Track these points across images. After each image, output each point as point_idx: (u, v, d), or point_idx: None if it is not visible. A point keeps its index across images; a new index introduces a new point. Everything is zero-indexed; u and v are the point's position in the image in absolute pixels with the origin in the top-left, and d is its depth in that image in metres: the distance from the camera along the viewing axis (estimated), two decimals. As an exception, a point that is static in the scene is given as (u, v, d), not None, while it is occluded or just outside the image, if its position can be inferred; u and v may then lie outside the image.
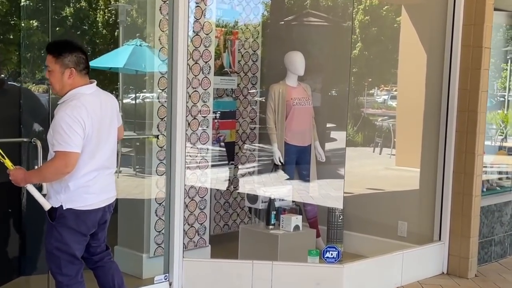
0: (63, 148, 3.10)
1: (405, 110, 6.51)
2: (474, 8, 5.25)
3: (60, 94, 3.28)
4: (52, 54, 3.24)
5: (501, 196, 6.09)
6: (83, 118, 3.14)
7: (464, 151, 5.32)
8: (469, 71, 5.29)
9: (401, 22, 6.60)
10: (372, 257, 4.90)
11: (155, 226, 4.71)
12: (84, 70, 3.28)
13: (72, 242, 3.27)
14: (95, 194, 3.29)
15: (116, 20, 9.59)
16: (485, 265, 5.71)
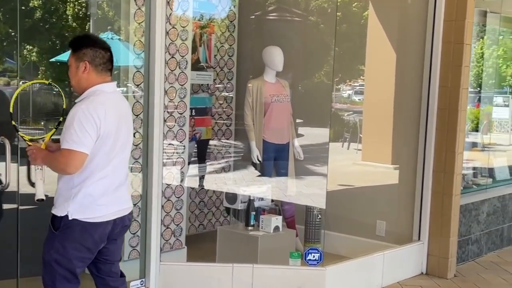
0: (69, 146, 2.85)
1: (371, 105, 6.48)
2: (455, 4, 5.18)
3: (77, 90, 3.04)
4: (70, 48, 3.05)
5: (477, 195, 6.07)
6: (99, 117, 2.88)
7: (444, 149, 5.25)
8: (450, 68, 5.22)
9: (369, 19, 6.56)
10: (353, 259, 4.79)
11: (130, 228, 4.49)
12: (102, 66, 3.02)
13: (74, 257, 2.97)
14: (105, 205, 3.00)
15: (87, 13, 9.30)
16: (463, 264, 5.67)
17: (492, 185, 6.48)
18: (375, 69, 6.38)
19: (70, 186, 2.94)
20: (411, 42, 5.62)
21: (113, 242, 3.14)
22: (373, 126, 6.49)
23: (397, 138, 5.98)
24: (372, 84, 6.46)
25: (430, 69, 5.28)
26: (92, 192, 2.94)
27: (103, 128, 2.89)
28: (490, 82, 8.01)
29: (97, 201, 2.96)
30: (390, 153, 6.20)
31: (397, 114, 5.75)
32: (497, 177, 6.84)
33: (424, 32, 5.31)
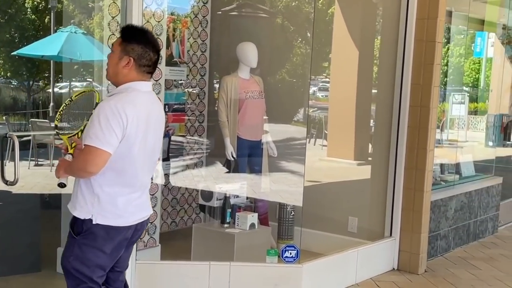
0: (92, 142, 2.66)
1: (336, 102, 6.54)
2: (427, 2, 5.22)
3: (111, 80, 2.90)
4: (122, 36, 2.89)
5: (446, 191, 6.14)
6: (127, 116, 2.69)
7: (416, 146, 5.31)
8: (422, 66, 5.27)
9: (334, 15, 6.62)
10: (329, 255, 4.80)
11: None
12: (145, 68, 2.85)
13: (94, 264, 2.81)
14: (129, 210, 2.85)
15: (47, 6, 9.08)
16: (432, 259, 5.75)
17: (460, 182, 6.59)
18: (340, 66, 6.44)
19: (92, 188, 2.77)
20: (384, 40, 5.67)
21: (126, 248, 3.00)
22: (338, 122, 6.55)
23: (362, 134, 6.07)
24: (337, 81, 6.53)
25: (402, 67, 5.32)
26: (115, 196, 2.79)
27: (130, 128, 2.71)
28: (450, 79, 8.17)
29: (120, 205, 2.81)
30: (353, 149, 6.29)
31: (361, 111, 5.80)
32: (463, 173, 6.95)
33: (397, 30, 5.35)
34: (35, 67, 11.83)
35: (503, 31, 8.99)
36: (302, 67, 8.05)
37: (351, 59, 6.13)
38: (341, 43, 6.31)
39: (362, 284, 4.98)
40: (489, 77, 10.24)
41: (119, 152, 2.72)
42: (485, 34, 9.61)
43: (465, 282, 5.21)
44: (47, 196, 6.83)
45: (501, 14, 8.90)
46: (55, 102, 14.11)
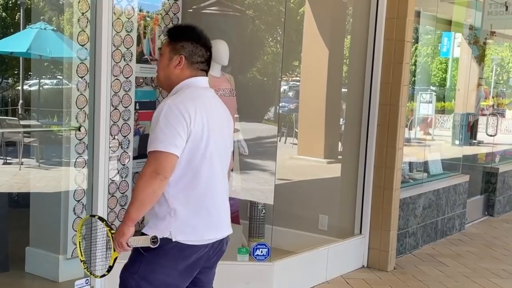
0: (154, 146, 2.41)
1: (306, 101, 6.60)
2: (397, 1, 5.28)
3: (163, 85, 2.67)
4: (168, 36, 2.69)
5: (414, 189, 6.22)
6: (189, 113, 2.45)
7: (385, 144, 5.36)
8: (392, 65, 5.33)
9: (305, 15, 6.67)
10: (299, 253, 4.82)
11: (73, 225, 4.37)
12: (198, 65, 2.63)
13: (162, 284, 2.51)
14: (204, 225, 2.54)
15: (17, 2, 8.95)
16: (401, 257, 5.81)
17: (428, 180, 6.68)
18: (311, 65, 6.49)
19: (167, 202, 2.48)
20: (354, 39, 5.71)
21: (207, 270, 2.70)
22: (308, 121, 6.60)
23: (332, 133, 6.13)
24: (307, 79, 6.59)
25: (372, 66, 5.37)
26: (193, 208, 2.52)
27: (194, 128, 2.46)
28: (418, 78, 8.27)
29: (194, 220, 2.52)
30: (323, 147, 6.34)
31: (331, 109, 5.85)
32: (431, 172, 7.04)
33: (367, 29, 5.39)
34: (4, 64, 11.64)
35: (469, 31, 9.13)
36: (273, 66, 8.07)
37: (322, 58, 6.18)
38: (311, 42, 6.37)
39: (333, 281, 5.01)
40: (456, 77, 10.40)
41: (188, 155, 2.48)
42: (451, 34, 9.76)
43: (434, 279, 5.28)
44: (15, 194, 6.74)
45: (468, 15, 9.05)
46: (25, 100, 13.89)
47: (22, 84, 14.69)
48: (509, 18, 8.70)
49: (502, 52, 16.97)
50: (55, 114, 7.87)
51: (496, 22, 9.24)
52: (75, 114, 4.32)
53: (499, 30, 9.45)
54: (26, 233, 4.54)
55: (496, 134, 8.40)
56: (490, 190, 8.17)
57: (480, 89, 9.35)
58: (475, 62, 9.35)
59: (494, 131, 8.38)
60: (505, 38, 12.27)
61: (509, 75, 22.40)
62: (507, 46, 15.30)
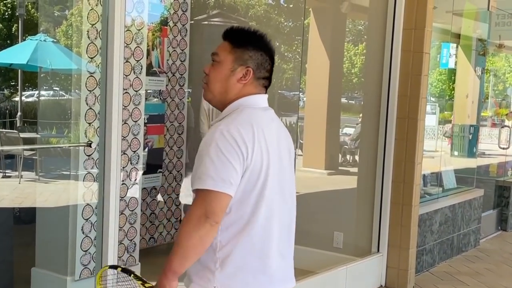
0: (202, 184, 1.95)
1: (312, 112, 6.50)
2: (414, 12, 5.12)
3: (215, 100, 2.17)
4: (231, 41, 2.16)
5: (431, 205, 6.03)
6: (248, 145, 2.00)
7: (404, 159, 5.18)
8: (410, 77, 5.16)
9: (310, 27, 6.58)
10: (319, 273, 4.62)
11: (81, 245, 4.16)
12: (263, 80, 2.18)
13: None
14: (259, 281, 2.10)
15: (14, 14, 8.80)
16: (418, 275, 5.61)
17: (443, 194, 6.49)
18: (316, 77, 6.42)
19: (214, 250, 2.04)
20: (369, 50, 5.55)
21: None
22: (313, 132, 6.49)
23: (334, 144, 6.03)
24: (312, 91, 6.50)
25: (389, 78, 5.20)
26: (245, 259, 2.06)
27: (252, 161, 2.01)
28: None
29: (245, 275, 2.07)
30: (326, 159, 6.23)
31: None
32: (445, 186, 6.86)
33: (383, 40, 5.22)
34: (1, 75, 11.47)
35: (479, 42, 8.99)
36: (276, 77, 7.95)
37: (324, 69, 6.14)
38: (315, 54, 6.32)
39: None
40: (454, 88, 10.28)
41: (242, 195, 2.03)
42: (449, 45, 9.62)
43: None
44: (17, 210, 6.53)
45: (476, 27, 8.92)
46: (23, 112, 13.69)
47: (21, 96, 14.52)
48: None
49: (497, 62, 16.94)
50: (54, 126, 7.71)
51: (504, 33, 9.10)
52: (83, 129, 4.13)
53: (508, 41, 9.32)
54: (30, 252, 4.32)
55: (509, 147, 8.23)
56: (503, 204, 7.99)
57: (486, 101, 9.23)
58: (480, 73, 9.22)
59: (507, 143, 8.20)
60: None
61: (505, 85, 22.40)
62: (502, 57, 15.25)
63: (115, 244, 3.84)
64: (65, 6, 7.05)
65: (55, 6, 6.73)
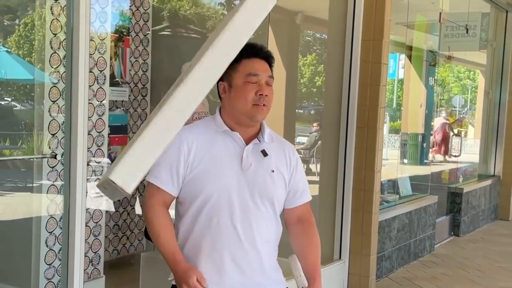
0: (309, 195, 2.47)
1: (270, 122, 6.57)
2: (372, 23, 5.24)
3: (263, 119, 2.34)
4: (270, 65, 2.34)
5: (389, 212, 6.16)
6: None
7: (364, 167, 5.29)
8: (368, 87, 5.27)
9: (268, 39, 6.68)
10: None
11: (45, 258, 4.09)
12: None
13: None
14: None
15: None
16: (378, 281, 5.72)
17: (400, 201, 6.64)
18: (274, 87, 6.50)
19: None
20: (329, 61, 5.64)
21: None
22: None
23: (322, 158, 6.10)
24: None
25: (349, 88, 5.30)
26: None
27: None
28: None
29: None
30: None
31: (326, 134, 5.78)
32: (401, 193, 7.02)
33: (343, 51, 5.33)
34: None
35: (430, 53, 9.26)
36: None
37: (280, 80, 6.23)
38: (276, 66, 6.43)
39: (315, 309, 4.86)
40: (401, 97, 10.55)
41: None
42: (396, 56, 9.88)
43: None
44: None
45: (427, 38, 9.18)
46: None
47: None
48: (470, 40, 8.84)
49: (443, 73, 17.45)
50: (8, 138, 7.54)
51: (453, 44, 9.36)
52: (46, 140, 4.07)
53: (457, 52, 9.60)
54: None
55: (460, 154, 8.48)
56: (455, 210, 8.21)
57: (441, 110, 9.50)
58: (433, 83, 9.49)
59: (458, 151, 8.45)
60: (461, 62, 12.55)
61: (450, 95, 23.07)
62: (447, 67, 15.72)
63: (81, 256, 3.80)
64: (15, 16, 6.94)
65: (4, 15, 6.62)
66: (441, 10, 7.68)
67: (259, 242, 2.26)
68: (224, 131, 2.28)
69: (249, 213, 2.24)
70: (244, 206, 2.23)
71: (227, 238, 2.22)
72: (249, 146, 2.27)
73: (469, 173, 9.71)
